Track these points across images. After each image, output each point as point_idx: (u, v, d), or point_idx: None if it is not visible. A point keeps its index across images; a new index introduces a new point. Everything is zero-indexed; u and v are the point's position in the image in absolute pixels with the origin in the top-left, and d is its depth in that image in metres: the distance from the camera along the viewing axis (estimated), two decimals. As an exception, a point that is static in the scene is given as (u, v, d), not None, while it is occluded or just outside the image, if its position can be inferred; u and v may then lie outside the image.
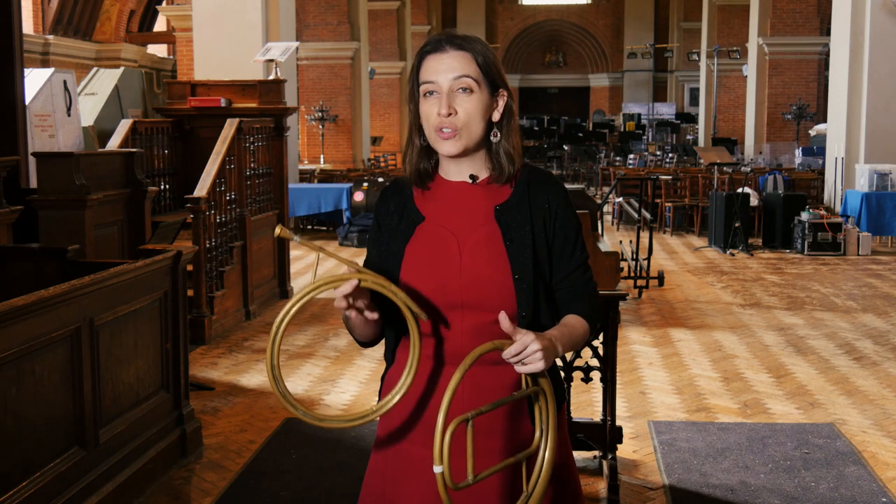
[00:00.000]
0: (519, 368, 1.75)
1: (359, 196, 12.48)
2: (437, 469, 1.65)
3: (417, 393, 1.88)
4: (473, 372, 1.81)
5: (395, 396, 1.81)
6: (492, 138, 1.92)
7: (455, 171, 1.94)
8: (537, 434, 1.81)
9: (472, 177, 1.94)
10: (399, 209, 1.96)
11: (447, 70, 1.86)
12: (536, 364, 1.73)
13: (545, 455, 1.80)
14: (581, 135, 25.28)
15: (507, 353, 1.73)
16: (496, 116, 1.91)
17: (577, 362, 4.11)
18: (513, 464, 1.81)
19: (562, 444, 1.98)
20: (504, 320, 1.73)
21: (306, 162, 19.49)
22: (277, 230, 1.77)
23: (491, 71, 1.88)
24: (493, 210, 1.91)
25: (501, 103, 1.92)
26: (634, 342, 6.69)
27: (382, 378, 2.02)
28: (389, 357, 1.99)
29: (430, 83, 1.87)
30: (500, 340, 1.74)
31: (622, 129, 27.30)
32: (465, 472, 1.72)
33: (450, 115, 1.85)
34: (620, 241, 10.32)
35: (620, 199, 13.13)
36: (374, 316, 1.79)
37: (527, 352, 1.72)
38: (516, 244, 1.88)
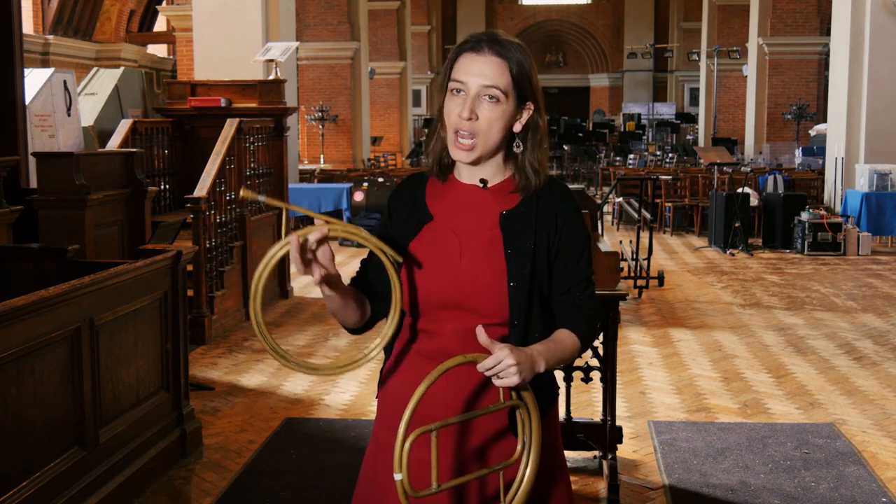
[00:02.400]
0: (495, 382, 1.75)
1: (359, 196, 12.48)
2: (397, 477, 1.68)
3: (405, 387, 1.89)
4: (460, 371, 1.82)
5: (377, 346, 1.86)
6: (515, 149, 1.91)
7: (468, 174, 1.94)
8: (519, 447, 1.80)
9: (483, 181, 1.93)
10: (410, 203, 1.96)
11: (479, 74, 1.84)
12: (511, 379, 1.73)
13: (526, 470, 1.79)
14: (581, 135, 25.27)
15: (482, 367, 1.74)
16: (517, 127, 1.89)
17: (577, 362, 4.11)
18: (487, 475, 1.81)
19: (553, 448, 1.97)
20: (481, 334, 1.74)
21: (306, 162, 19.49)
22: (242, 192, 1.81)
23: (523, 83, 1.86)
24: (498, 216, 1.91)
25: (526, 116, 1.89)
26: (634, 342, 6.69)
27: (381, 371, 2.02)
28: (387, 349, 2.00)
29: (460, 82, 1.85)
30: (473, 354, 1.75)
31: (622, 129, 27.30)
32: (445, 478, 1.76)
33: (470, 119, 1.84)
34: (620, 241, 10.32)
35: (620, 199, 13.14)
36: (333, 272, 1.79)
37: (501, 366, 1.72)
38: (516, 252, 1.87)
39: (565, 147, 23.83)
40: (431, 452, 1.71)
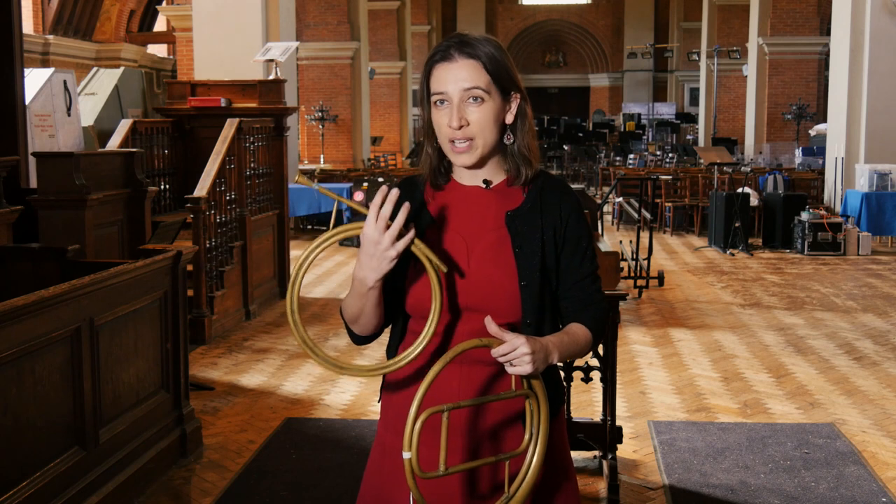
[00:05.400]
0: (508, 369, 1.76)
1: (359, 196, 12.33)
2: (406, 455, 1.67)
3: (415, 391, 1.88)
4: (472, 370, 1.83)
5: (416, 349, 1.78)
6: (505, 140, 1.90)
7: (469, 176, 1.93)
8: (526, 437, 1.80)
9: (486, 181, 1.92)
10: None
11: (456, 80, 1.83)
12: (524, 367, 1.73)
13: (533, 459, 1.79)
14: (581, 135, 25.26)
15: (496, 352, 1.73)
16: (509, 119, 1.89)
17: (577, 362, 4.12)
18: (493, 463, 1.81)
19: (562, 450, 1.97)
20: (490, 325, 1.74)
21: (306, 162, 19.49)
22: (297, 177, 1.81)
23: (502, 75, 1.85)
24: (504, 216, 1.90)
25: (514, 105, 1.89)
26: (634, 342, 6.69)
27: (385, 374, 2.01)
28: (392, 353, 1.98)
29: (440, 94, 1.84)
30: (489, 338, 1.75)
31: (622, 129, 27.30)
32: (454, 463, 1.75)
33: (461, 126, 1.83)
34: (620, 241, 10.32)
35: (620, 199, 13.13)
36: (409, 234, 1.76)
37: (514, 353, 1.73)
38: (525, 251, 1.87)
39: (565, 147, 23.82)
40: (441, 433, 1.70)
